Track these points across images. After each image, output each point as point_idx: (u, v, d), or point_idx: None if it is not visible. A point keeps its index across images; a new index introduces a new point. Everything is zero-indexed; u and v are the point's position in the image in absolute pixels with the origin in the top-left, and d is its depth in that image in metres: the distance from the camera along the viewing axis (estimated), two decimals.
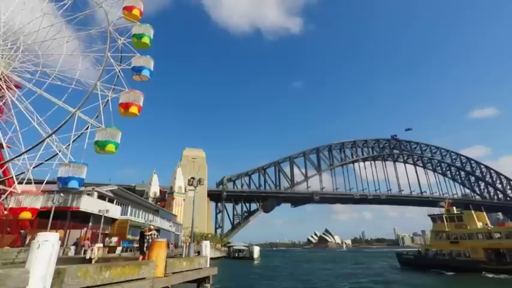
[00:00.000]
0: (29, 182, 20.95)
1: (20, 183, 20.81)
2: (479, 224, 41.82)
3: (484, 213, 46.28)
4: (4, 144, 22.46)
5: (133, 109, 22.21)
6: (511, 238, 36.72)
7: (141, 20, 25.23)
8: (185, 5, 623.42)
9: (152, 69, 24.17)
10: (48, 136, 21.00)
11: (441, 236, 44.59)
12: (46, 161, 21.03)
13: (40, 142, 20.89)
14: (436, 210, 49.74)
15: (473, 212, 44.03)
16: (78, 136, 21.27)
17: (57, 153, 20.79)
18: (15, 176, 20.93)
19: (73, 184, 19.79)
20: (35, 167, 21.02)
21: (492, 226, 43.39)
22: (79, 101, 22.35)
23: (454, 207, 46.62)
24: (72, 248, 24.63)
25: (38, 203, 20.77)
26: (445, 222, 44.37)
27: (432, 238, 46.83)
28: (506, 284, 30.92)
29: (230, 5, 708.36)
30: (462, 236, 41.67)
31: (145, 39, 24.30)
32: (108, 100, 22.39)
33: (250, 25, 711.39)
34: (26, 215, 20.27)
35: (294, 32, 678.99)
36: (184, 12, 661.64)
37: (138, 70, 23.61)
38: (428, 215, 47.99)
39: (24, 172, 21.05)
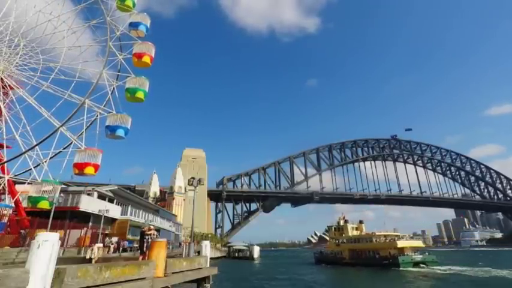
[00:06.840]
0: (22, 182, 20.98)
1: (22, 183, 20.79)
2: (356, 232, 57.37)
3: (363, 224, 59.89)
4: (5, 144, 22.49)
5: (146, 59, 23.21)
6: (361, 242, 52.05)
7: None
8: (202, 5, 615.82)
9: (148, 26, 24.93)
10: (62, 125, 21.49)
11: (333, 241, 60.33)
12: (64, 149, 21.33)
13: (54, 132, 21.30)
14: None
15: (348, 224, 58.97)
16: (91, 123, 21.85)
17: (72, 141, 21.15)
18: (33, 167, 21.11)
19: (120, 133, 20.54)
20: (52, 157, 21.17)
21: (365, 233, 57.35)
22: (82, 93, 22.94)
23: (343, 220, 60.89)
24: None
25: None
26: (333, 231, 60.44)
27: (329, 242, 63.36)
28: (349, 271, 45.65)
29: (247, 4, 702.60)
30: (340, 241, 57.17)
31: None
32: (114, 88, 22.88)
33: (267, 25, 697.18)
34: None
35: (310, 32, 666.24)
36: (200, 12, 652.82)
37: (135, 25, 24.45)
38: (327, 226, 64.07)
39: (40, 164, 21.23)
